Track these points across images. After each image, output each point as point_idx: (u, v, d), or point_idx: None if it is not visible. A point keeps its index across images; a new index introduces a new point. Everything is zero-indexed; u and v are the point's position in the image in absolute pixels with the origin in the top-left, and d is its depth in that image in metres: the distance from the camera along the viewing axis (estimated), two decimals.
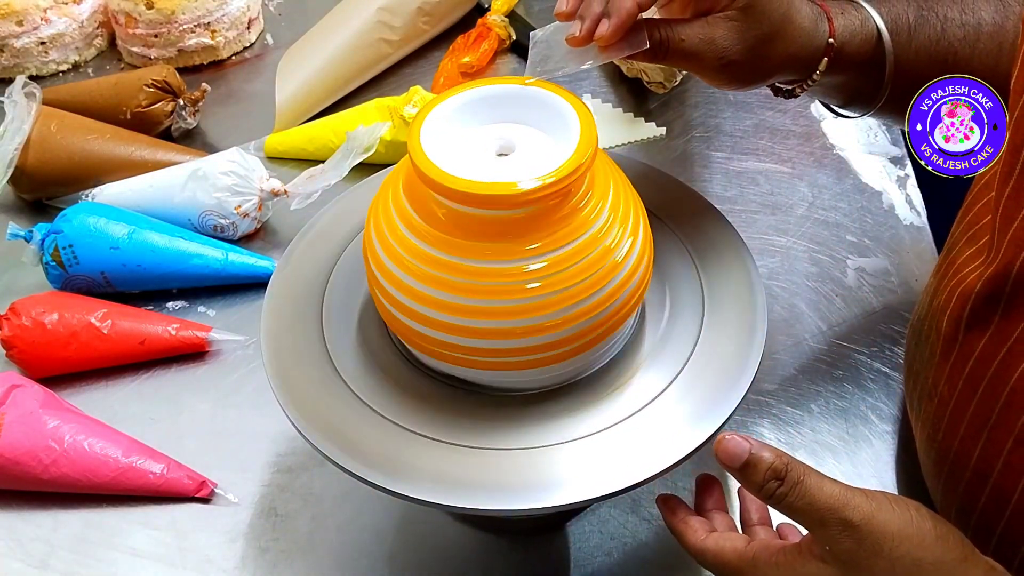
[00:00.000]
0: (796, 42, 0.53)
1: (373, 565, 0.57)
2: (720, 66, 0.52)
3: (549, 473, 0.46)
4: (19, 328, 0.65)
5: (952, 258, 0.52)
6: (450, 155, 0.46)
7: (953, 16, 0.56)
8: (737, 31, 0.51)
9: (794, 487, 0.41)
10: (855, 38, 0.55)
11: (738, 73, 0.53)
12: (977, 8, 0.56)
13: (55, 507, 0.60)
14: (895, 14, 0.56)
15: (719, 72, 0.53)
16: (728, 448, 0.42)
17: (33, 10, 0.94)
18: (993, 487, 0.46)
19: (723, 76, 0.53)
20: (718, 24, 0.51)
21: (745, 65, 0.52)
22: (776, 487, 0.41)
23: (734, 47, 0.51)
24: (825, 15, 0.55)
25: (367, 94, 0.92)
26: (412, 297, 0.47)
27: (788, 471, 0.41)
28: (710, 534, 0.46)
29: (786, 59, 0.53)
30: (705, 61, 0.52)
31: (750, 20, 0.51)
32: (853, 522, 0.40)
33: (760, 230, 0.76)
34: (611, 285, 0.47)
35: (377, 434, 0.48)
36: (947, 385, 0.50)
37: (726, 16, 0.51)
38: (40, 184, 0.79)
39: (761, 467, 0.42)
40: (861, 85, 0.57)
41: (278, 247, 0.77)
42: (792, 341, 0.67)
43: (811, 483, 0.41)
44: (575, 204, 0.46)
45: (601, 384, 0.50)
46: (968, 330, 0.48)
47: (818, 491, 0.41)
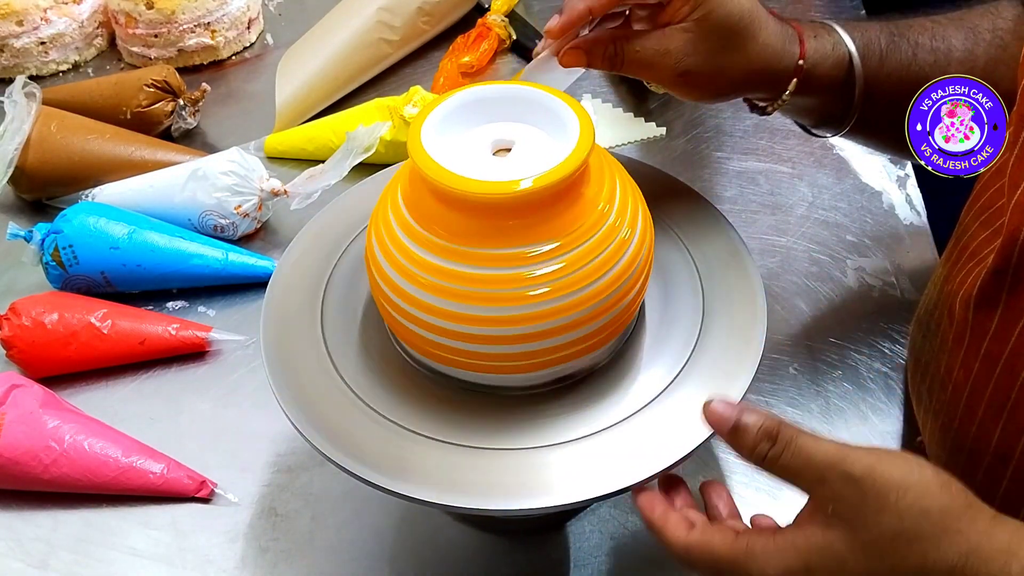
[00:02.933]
0: (760, 58, 0.54)
1: (373, 565, 0.57)
2: (676, 76, 0.53)
3: (549, 473, 0.46)
4: (19, 328, 0.65)
5: (965, 243, 0.52)
6: (451, 155, 0.46)
7: (924, 42, 0.57)
8: (691, 42, 0.52)
9: (787, 445, 0.40)
10: (826, 61, 0.56)
11: (697, 84, 0.54)
12: (947, 35, 0.57)
13: (55, 507, 0.60)
14: (867, 39, 0.57)
15: (677, 82, 0.54)
16: (716, 411, 0.42)
17: (33, 10, 0.94)
18: (1015, 469, 0.46)
19: (682, 87, 0.54)
20: (673, 35, 0.52)
21: (703, 77, 0.53)
22: (768, 448, 0.40)
23: (688, 57, 0.52)
24: (797, 36, 0.55)
25: (367, 94, 0.92)
26: (414, 303, 0.47)
27: (780, 431, 0.40)
28: (692, 529, 0.43)
29: (749, 74, 0.54)
30: (660, 72, 0.53)
31: (705, 31, 0.52)
32: (855, 474, 0.39)
33: (760, 230, 0.76)
34: (615, 284, 0.47)
35: (377, 434, 0.48)
36: (962, 370, 0.49)
37: (682, 28, 0.52)
38: (40, 184, 0.79)
39: (752, 428, 0.41)
40: (831, 107, 0.58)
41: (278, 247, 0.77)
42: (792, 341, 0.67)
43: (805, 441, 0.40)
44: (577, 203, 0.46)
45: (601, 384, 0.50)
46: (978, 309, 0.48)
47: (814, 447, 0.40)
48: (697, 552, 0.42)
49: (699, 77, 0.53)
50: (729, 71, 0.54)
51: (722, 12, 0.52)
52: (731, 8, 0.52)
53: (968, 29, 0.57)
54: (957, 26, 0.58)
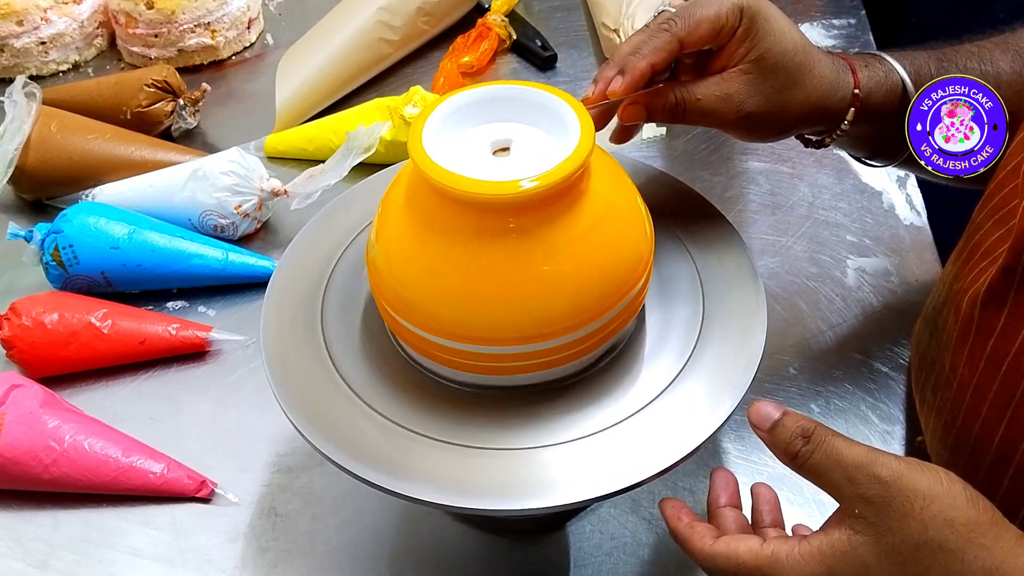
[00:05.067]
0: (817, 91, 0.54)
1: (373, 565, 0.57)
2: (739, 120, 0.53)
3: (549, 473, 0.46)
4: (19, 328, 0.66)
5: (978, 240, 0.52)
6: (451, 155, 0.46)
7: (973, 67, 0.57)
8: (751, 83, 0.52)
9: (819, 445, 0.41)
10: (880, 89, 0.56)
11: (759, 125, 0.54)
12: (995, 59, 0.57)
13: (55, 507, 0.60)
14: (917, 65, 0.57)
15: (740, 126, 0.54)
16: (760, 409, 0.43)
17: (33, 10, 0.94)
18: (1017, 468, 0.46)
19: (745, 129, 0.54)
20: (732, 79, 0.52)
21: (764, 116, 0.53)
22: (802, 445, 0.41)
23: (750, 99, 0.52)
24: (848, 67, 0.55)
25: (367, 94, 0.92)
26: (414, 303, 0.47)
27: (815, 431, 0.42)
28: (718, 538, 0.45)
29: (808, 109, 0.54)
30: (724, 117, 0.53)
31: (763, 72, 0.52)
32: (882, 478, 0.39)
33: (760, 230, 0.76)
34: (614, 285, 0.47)
35: (377, 434, 0.48)
36: (967, 367, 0.50)
37: (740, 71, 0.52)
38: (40, 184, 0.79)
39: (789, 427, 0.42)
40: (886, 136, 0.57)
41: (278, 247, 0.77)
42: (792, 341, 0.67)
43: (838, 443, 0.41)
44: (577, 203, 0.46)
45: (601, 384, 0.50)
46: (986, 307, 0.48)
47: (846, 449, 0.41)
48: (723, 561, 0.43)
49: (761, 117, 0.53)
50: (790, 107, 0.54)
51: (778, 50, 0.52)
52: (786, 45, 0.52)
53: (1014, 52, 0.57)
54: (1003, 49, 0.57)
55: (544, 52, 0.95)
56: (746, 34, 0.52)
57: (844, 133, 0.56)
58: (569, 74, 0.94)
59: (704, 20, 0.51)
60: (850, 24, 0.98)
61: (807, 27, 0.97)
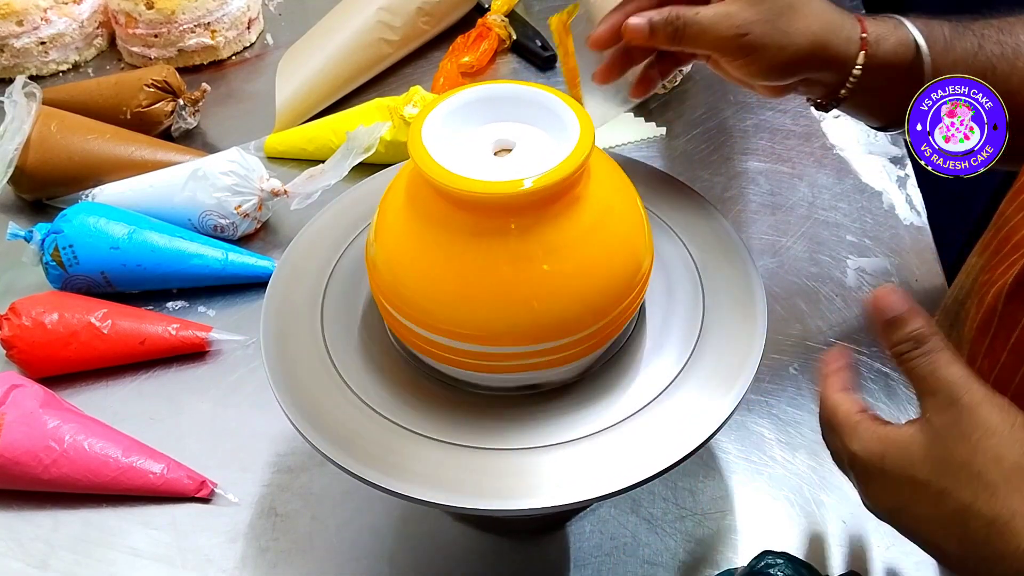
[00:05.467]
0: (819, 21, 0.54)
1: (373, 565, 0.57)
2: (738, 39, 0.53)
3: (548, 473, 0.46)
4: (19, 328, 0.66)
5: (1006, 234, 0.52)
6: (451, 155, 0.46)
7: (990, 34, 0.56)
8: (751, 5, 0.53)
9: (926, 354, 0.42)
10: (889, 38, 0.55)
11: (760, 51, 0.54)
12: (1016, 31, 0.56)
13: (55, 507, 0.60)
14: (930, 27, 0.56)
15: (740, 50, 0.54)
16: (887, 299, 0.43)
17: (33, 10, 0.94)
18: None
19: (745, 55, 0.54)
20: (732, 1, 0.53)
21: (765, 40, 0.53)
22: (911, 347, 0.42)
23: (750, 20, 0.53)
24: (855, 17, 0.55)
25: (367, 94, 0.92)
26: (415, 303, 0.47)
27: (930, 339, 0.42)
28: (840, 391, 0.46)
29: (812, 41, 0.54)
30: (722, 35, 0.53)
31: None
32: (962, 401, 0.40)
33: (760, 230, 0.76)
34: (614, 285, 0.47)
35: (377, 434, 0.48)
36: (987, 360, 0.50)
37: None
38: (40, 184, 0.79)
39: (908, 326, 0.43)
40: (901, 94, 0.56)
41: (278, 247, 0.77)
42: (792, 341, 0.67)
43: (943, 357, 0.42)
44: (576, 202, 0.46)
45: (601, 384, 0.50)
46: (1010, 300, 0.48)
47: (945, 365, 0.42)
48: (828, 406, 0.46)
49: (761, 40, 0.53)
50: (791, 34, 0.53)
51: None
52: None
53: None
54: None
55: (544, 52, 0.95)
56: None
57: (855, 86, 0.56)
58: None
59: None
60: None
61: None
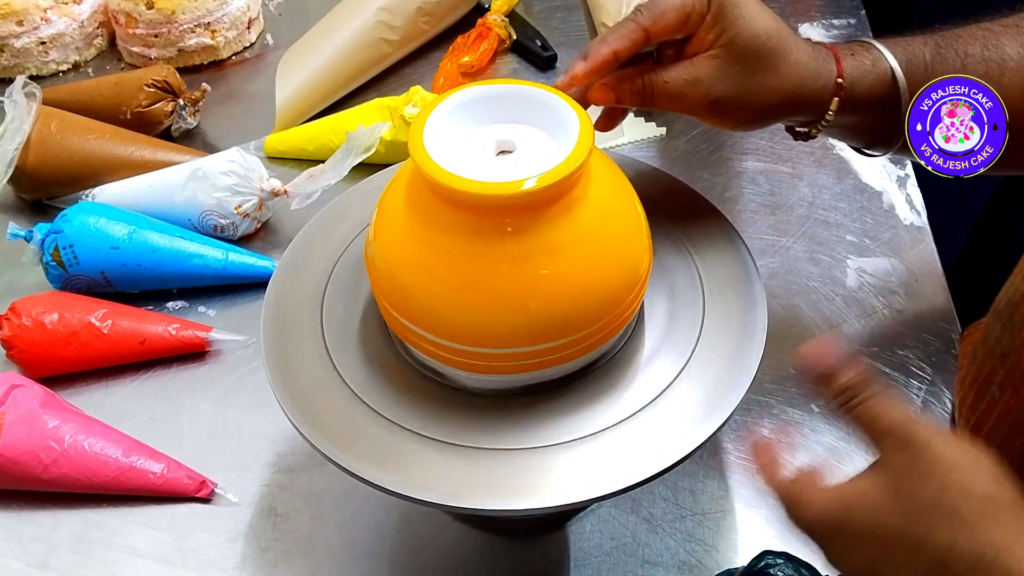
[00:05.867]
0: (793, 78, 0.53)
1: (373, 565, 0.57)
2: (709, 104, 0.52)
3: (549, 473, 0.46)
4: (19, 328, 0.66)
5: None
6: (451, 155, 0.46)
7: (974, 52, 0.55)
8: (720, 68, 0.52)
9: (867, 399, 0.42)
10: (867, 78, 0.55)
11: (730, 111, 0.53)
12: (1000, 44, 0.55)
13: (55, 507, 0.60)
14: (910, 53, 0.55)
15: (709, 110, 0.53)
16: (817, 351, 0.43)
17: (33, 10, 0.94)
18: None
19: (716, 115, 0.54)
20: (701, 63, 0.52)
21: (735, 101, 0.53)
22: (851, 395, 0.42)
23: (718, 84, 0.52)
24: (832, 56, 0.54)
25: (367, 94, 0.92)
26: (415, 302, 0.47)
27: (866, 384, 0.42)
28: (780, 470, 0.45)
29: (784, 97, 0.53)
30: (692, 101, 0.52)
31: (733, 56, 0.52)
32: (916, 439, 0.40)
33: (760, 230, 0.76)
34: (613, 285, 0.47)
35: (377, 434, 0.48)
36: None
37: (709, 55, 0.52)
38: (40, 184, 0.79)
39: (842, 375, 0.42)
40: (878, 125, 0.56)
41: (278, 247, 0.77)
42: (792, 341, 0.67)
43: (883, 400, 0.41)
44: (575, 202, 0.46)
45: (601, 384, 0.50)
46: None
47: (889, 408, 0.41)
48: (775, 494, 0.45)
49: (732, 103, 0.53)
50: (763, 94, 0.53)
51: (748, 34, 0.51)
52: (757, 29, 0.51)
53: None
54: (1012, 34, 0.56)
55: (544, 52, 0.95)
56: (715, 20, 0.51)
57: (830, 123, 0.55)
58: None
59: (670, 8, 0.51)
60: (850, 24, 0.98)
61: (807, 27, 0.97)
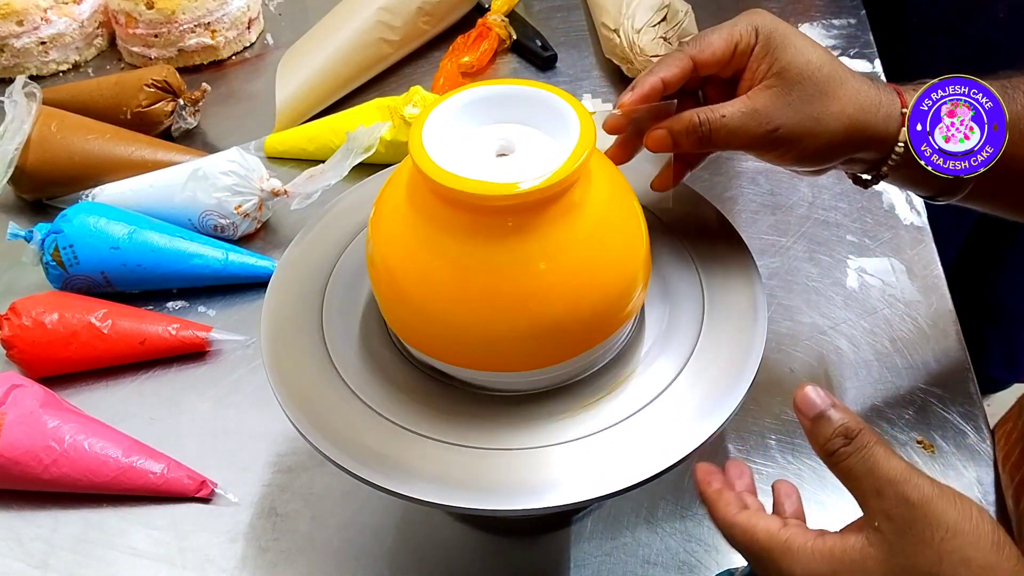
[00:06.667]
0: (854, 103, 0.51)
1: (373, 565, 0.57)
2: (770, 135, 0.50)
3: (549, 473, 0.46)
4: (19, 328, 0.66)
5: None
6: (451, 155, 0.46)
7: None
8: (778, 96, 0.50)
9: (859, 449, 0.40)
10: None
11: (793, 142, 0.51)
12: None
13: (55, 507, 0.60)
14: None
15: (772, 143, 0.51)
16: (808, 396, 0.42)
17: (33, 10, 0.94)
18: None
19: (778, 147, 0.51)
20: (758, 95, 0.51)
21: (797, 131, 0.51)
22: (841, 445, 0.40)
23: (778, 112, 0.50)
24: (893, 89, 0.53)
25: (367, 94, 0.92)
26: (416, 302, 0.47)
27: (859, 433, 0.40)
28: (743, 510, 0.44)
29: (848, 125, 0.51)
30: (752, 133, 0.50)
31: (788, 83, 0.50)
32: (911, 498, 0.38)
33: (760, 230, 0.76)
34: (613, 285, 0.47)
35: (377, 434, 0.48)
36: None
37: (765, 86, 0.51)
38: (40, 184, 0.79)
39: (833, 422, 0.41)
40: None
41: (278, 247, 0.77)
42: (792, 341, 0.67)
43: (877, 451, 0.40)
44: (574, 203, 0.46)
45: (601, 384, 0.50)
46: None
47: (883, 461, 0.39)
48: (739, 532, 0.43)
49: (794, 132, 0.50)
50: (824, 120, 0.50)
51: (801, 61, 0.50)
52: (809, 56, 0.50)
53: None
54: None
55: (544, 52, 0.95)
56: (764, 50, 0.50)
57: (899, 161, 0.52)
58: (569, 74, 0.94)
59: (717, 38, 0.51)
60: (850, 24, 0.98)
61: (807, 27, 0.97)
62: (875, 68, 0.92)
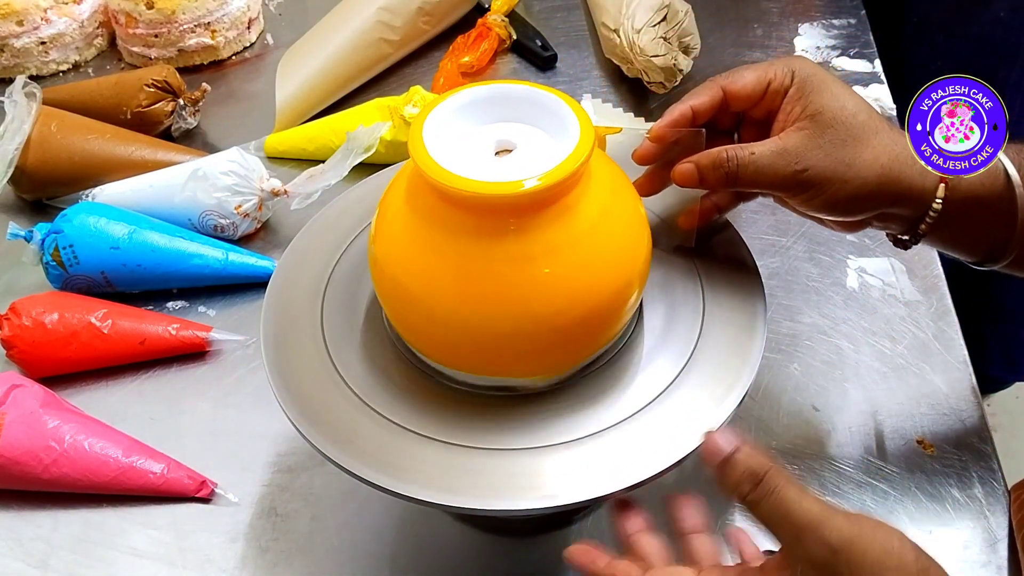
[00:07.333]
0: (888, 152, 0.49)
1: (373, 565, 0.57)
2: (798, 176, 0.49)
3: (548, 473, 0.46)
4: (19, 328, 0.66)
5: None
6: (451, 155, 0.46)
7: None
8: (809, 138, 0.49)
9: (769, 493, 0.39)
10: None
11: (823, 186, 0.50)
12: None
13: (55, 507, 0.60)
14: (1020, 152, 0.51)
15: (800, 185, 0.50)
16: (713, 441, 0.41)
17: (33, 10, 0.94)
18: None
19: (807, 190, 0.50)
20: (789, 135, 0.50)
21: (828, 173, 0.49)
22: (749, 490, 0.40)
23: (809, 154, 0.49)
24: None
25: (367, 94, 0.92)
26: (416, 302, 0.47)
27: (766, 476, 0.40)
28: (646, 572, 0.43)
29: (880, 173, 0.49)
30: (780, 173, 0.49)
31: (821, 127, 0.49)
32: (832, 543, 0.38)
33: (760, 230, 0.76)
34: (613, 284, 0.47)
35: (377, 434, 0.48)
36: None
37: (797, 127, 0.50)
38: (40, 184, 0.79)
39: (739, 467, 0.40)
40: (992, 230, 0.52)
41: (278, 247, 0.77)
42: (792, 341, 0.67)
43: (789, 494, 0.39)
44: (575, 202, 0.46)
45: (601, 385, 0.50)
46: None
47: (796, 504, 0.39)
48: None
49: (823, 175, 0.49)
50: (856, 166, 0.49)
51: (835, 105, 0.49)
52: (844, 102, 0.49)
53: None
54: None
55: (544, 52, 0.95)
56: (799, 93, 0.50)
57: (938, 221, 0.51)
58: (569, 74, 0.94)
59: (750, 73, 0.51)
60: (850, 24, 0.98)
61: (807, 27, 0.97)
62: (875, 68, 0.92)
